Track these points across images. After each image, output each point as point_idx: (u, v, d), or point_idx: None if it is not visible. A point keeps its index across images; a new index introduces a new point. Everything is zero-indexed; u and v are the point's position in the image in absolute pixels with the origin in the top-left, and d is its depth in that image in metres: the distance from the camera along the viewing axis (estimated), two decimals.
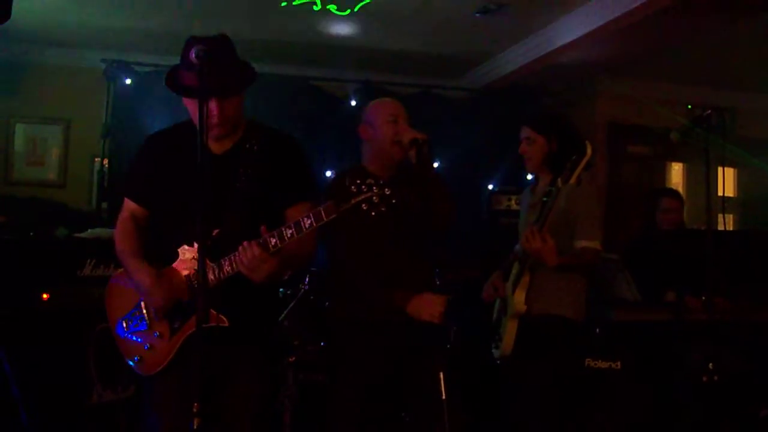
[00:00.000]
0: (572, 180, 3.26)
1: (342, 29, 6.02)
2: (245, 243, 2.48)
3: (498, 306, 3.83)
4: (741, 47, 6.11)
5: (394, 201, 3.22)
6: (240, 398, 2.74)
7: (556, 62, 6.22)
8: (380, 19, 5.73)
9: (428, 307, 3.15)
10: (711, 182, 3.58)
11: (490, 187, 6.56)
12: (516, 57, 6.51)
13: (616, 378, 4.17)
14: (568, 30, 5.68)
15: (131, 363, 2.83)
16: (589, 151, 3.25)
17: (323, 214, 2.46)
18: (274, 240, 2.50)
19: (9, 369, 4.03)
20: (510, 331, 3.57)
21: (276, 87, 6.58)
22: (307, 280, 4.80)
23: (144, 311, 2.78)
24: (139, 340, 2.79)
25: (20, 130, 6.74)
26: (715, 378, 3.53)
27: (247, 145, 2.79)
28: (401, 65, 6.86)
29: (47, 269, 4.40)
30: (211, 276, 2.60)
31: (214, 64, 2.50)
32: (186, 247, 2.69)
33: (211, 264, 2.60)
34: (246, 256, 2.48)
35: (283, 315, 4.67)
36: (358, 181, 3.27)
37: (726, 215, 4.01)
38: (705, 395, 3.60)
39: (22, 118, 6.72)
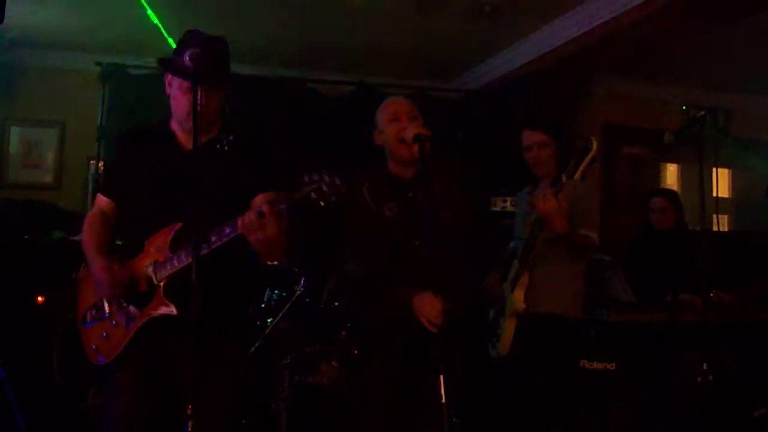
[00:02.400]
0: (577, 175, 3.25)
1: (337, 30, 6.02)
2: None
3: (495, 306, 3.83)
4: (736, 48, 6.12)
5: (410, 196, 3.30)
6: (210, 389, 2.75)
7: (550, 64, 6.23)
8: (374, 20, 5.73)
9: (426, 310, 3.12)
10: (705, 183, 3.58)
11: (487, 188, 6.55)
12: (510, 59, 6.52)
13: (610, 379, 4.18)
14: (562, 32, 5.70)
15: (89, 352, 2.93)
16: (594, 147, 3.25)
17: (275, 203, 2.49)
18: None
19: (3, 372, 4.03)
20: (508, 330, 3.57)
21: (271, 89, 6.59)
22: (302, 282, 4.80)
23: (105, 303, 2.88)
24: (98, 329, 2.90)
25: (15, 133, 6.71)
26: (710, 378, 3.53)
27: (218, 145, 2.89)
28: (396, 67, 6.86)
29: (42, 272, 4.41)
30: (168, 266, 2.71)
31: (211, 57, 2.69)
32: (152, 240, 2.79)
33: (171, 255, 2.71)
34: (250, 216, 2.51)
35: (278, 317, 4.67)
36: (375, 189, 3.38)
37: (720, 216, 4.02)
38: (699, 396, 3.60)
39: (16, 121, 6.70)
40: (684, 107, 3.90)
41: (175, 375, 2.71)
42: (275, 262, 2.73)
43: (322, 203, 2.41)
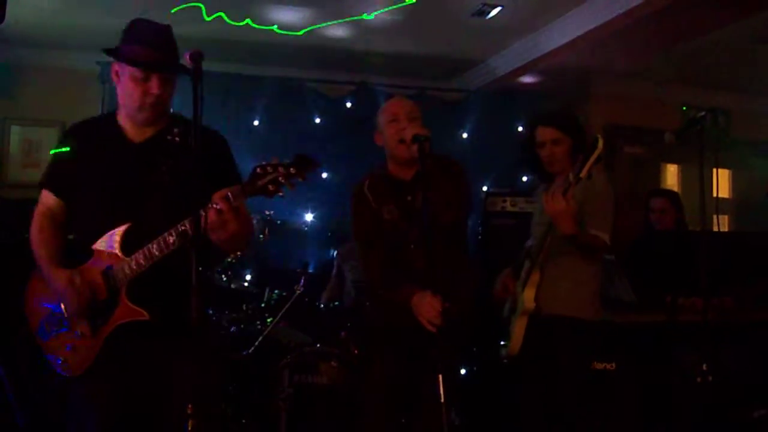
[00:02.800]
0: (582, 173, 3.25)
1: (337, 31, 6.02)
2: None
3: (508, 304, 3.79)
4: (735, 49, 6.12)
5: (409, 199, 3.31)
6: (181, 392, 2.63)
7: (550, 64, 6.23)
8: (375, 21, 5.73)
9: (425, 310, 3.13)
10: (705, 184, 3.58)
11: (485, 188, 6.57)
12: (511, 59, 6.52)
13: (610, 379, 4.17)
14: (563, 32, 5.69)
15: (56, 366, 2.80)
16: (600, 144, 3.25)
17: (231, 198, 2.43)
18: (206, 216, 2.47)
19: (3, 371, 4.03)
20: (518, 330, 3.53)
21: (272, 90, 6.60)
22: (302, 282, 4.80)
23: (64, 311, 2.76)
24: (61, 340, 2.77)
25: (15, 132, 6.72)
26: (709, 379, 3.52)
27: (169, 137, 2.78)
28: (396, 67, 6.86)
29: None
30: (126, 270, 2.62)
31: (163, 45, 2.67)
32: (101, 242, 2.68)
33: (126, 258, 2.62)
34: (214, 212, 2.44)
35: (278, 317, 4.67)
36: (375, 188, 3.40)
37: (720, 216, 4.01)
38: (699, 396, 3.60)
39: (16, 120, 6.71)
40: (684, 107, 3.89)
41: (149, 381, 2.68)
42: (239, 254, 2.68)
43: (280, 194, 2.38)
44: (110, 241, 2.66)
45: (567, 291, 3.53)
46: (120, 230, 2.65)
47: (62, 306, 2.75)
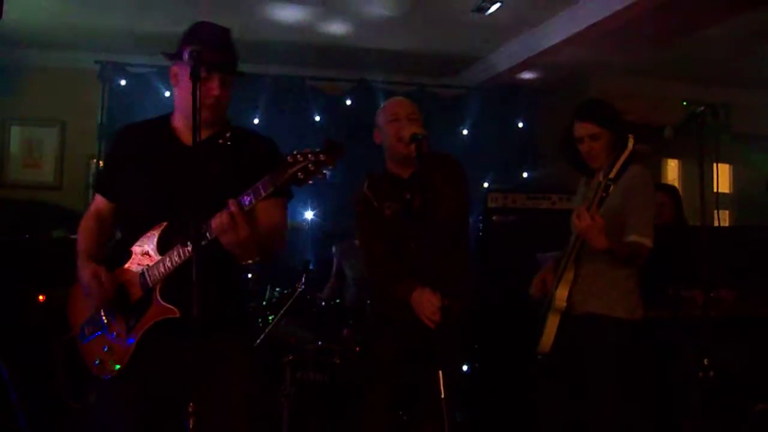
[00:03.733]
0: (612, 174, 3.21)
1: (337, 28, 6.03)
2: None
3: (546, 300, 3.68)
4: (734, 44, 6.12)
5: (408, 197, 3.32)
6: (223, 392, 2.70)
7: (550, 60, 6.23)
8: (375, 18, 5.73)
9: (424, 307, 3.16)
10: (706, 178, 3.57)
11: (485, 185, 6.57)
12: (510, 55, 6.52)
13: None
14: (562, 28, 5.69)
15: (92, 367, 2.81)
16: (630, 145, 3.21)
17: (261, 189, 2.40)
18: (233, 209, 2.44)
19: (6, 371, 4.04)
20: (550, 327, 3.45)
21: (271, 87, 6.60)
22: (303, 279, 4.80)
23: (102, 314, 2.78)
24: (99, 343, 2.79)
25: (15, 133, 6.74)
26: (711, 374, 3.52)
27: (220, 140, 2.78)
28: (396, 64, 6.86)
29: (43, 271, 4.41)
30: (161, 269, 2.62)
31: (225, 47, 2.66)
32: (139, 242, 2.70)
33: (161, 257, 2.62)
34: (222, 218, 2.44)
35: (279, 314, 4.68)
36: (375, 186, 3.44)
37: (721, 211, 4.00)
38: (700, 391, 3.60)
39: (17, 121, 6.72)
40: (684, 102, 3.88)
41: (182, 383, 2.62)
42: (250, 261, 2.65)
43: (309, 182, 2.35)
44: (148, 241, 2.68)
45: (600, 290, 3.44)
46: (157, 230, 2.66)
47: (88, 296, 2.76)
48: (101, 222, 2.90)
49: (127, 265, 2.73)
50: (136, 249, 2.71)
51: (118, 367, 2.73)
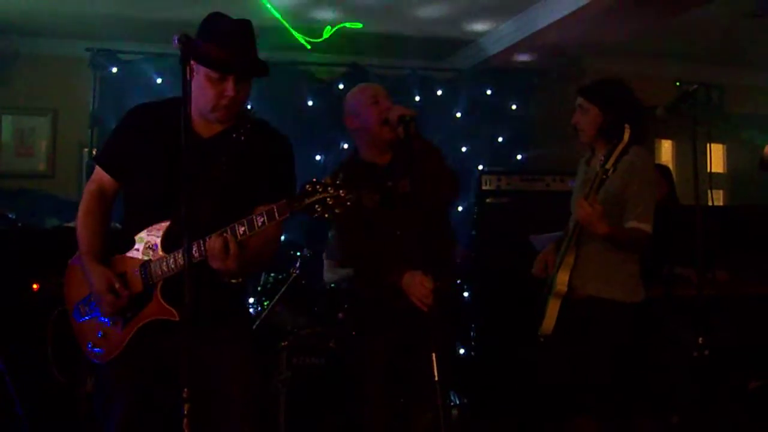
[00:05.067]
0: (608, 165, 3.21)
1: (328, 14, 6.00)
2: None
3: (547, 283, 3.69)
4: (728, 23, 6.11)
5: (390, 184, 3.30)
6: (226, 392, 2.70)
7: (543, 42, 6.21)
8: (366, 3, 5.71)
9: (416, 290, 3.15)
10: (699, 159, 3.57)
11: (479, 167, 6.57)
12: (503, 37, 6.49)
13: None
14: (555, 9, 5.67)
15: (84, 349, 2.80)
16: (625, 137, 3.20)
17: (276, 213, 2.40)
18: (243, 229, 2.45)
19: (2, 362, 4.04)
20: (552, 310, 3.45)
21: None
22: (298, 264, 4.81)
23: (98, 304, 2.73)
24: (93, 326, 2.76)
25: (7, 122, 6.69)
26: (706, 353, 3.53)
27: (235, 135, 2.72)
28: (388, 48, 6.84)
29: (37, 259, 4.40)
30: (164, 267, 2.59)
31: (242, 45, 2.56)
32: (144, 233, 2.66)
33: (165, 255, 2.59)
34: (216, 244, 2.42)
35: (275, 299, 4.68)
36: (350, 177, 3.35)
37: (715, 191, 4.01)
38: (695, 369, 3.62)
39: (9, 110, 6.68)
40: (678, 83, 3.88)
41: (176, 377, 2.69)
42: (233, 281, 2.60)
43: (326, 215, 2.33)
44: (153, 235, 2.63)
45: (600, 273, 3.44)
46: (163, 225, 2.61)
47: (97, 302, 2.72)
48: (104, 204, 2.80)
49: (129, 254, 2.68)
50: (141, 239, 2.66)
51: (110, 354, 2.72)
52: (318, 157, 6.49)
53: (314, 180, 2.34)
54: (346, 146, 6.44)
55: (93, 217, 2.77)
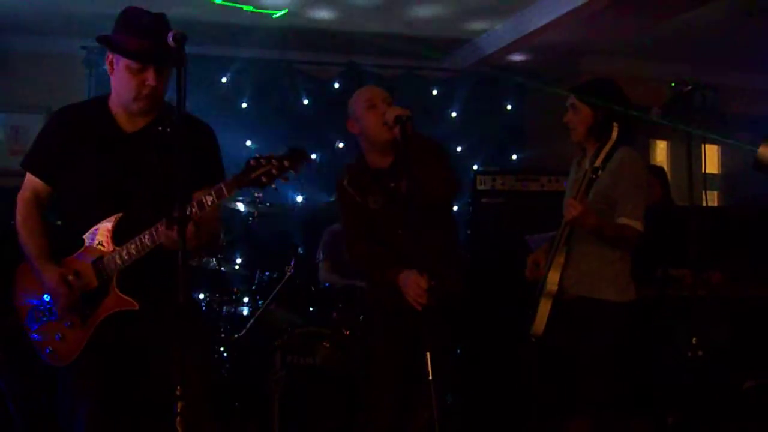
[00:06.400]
0: (597, 163, 3.24)
1: (324, 13, 5.99)
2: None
3: (539, 283, 3.67)
4: (723, 24, 6.12)
5: (392, 186, 3.32)
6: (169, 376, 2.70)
7: (539, 42, 6.21)
8: (363, 2, 5.71)
9: (411, 289, 3.16)
10: (694, 159, 3.58)
11: (475, 167, 6.57)
12: (499, 37, 6.49)
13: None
14: (551, 9, 5.66)
15: (43, 355, 2.80)
16: (613, 135, 3.23)
17: (224, 190, 2.48)
18: (194, 210, 2.51)
19: None
20: (542, 311, 3.44)
21: (259, 71, 6.57)
22: (292, 263, 4.80)
23: (54, 303, 2.75)
24: (50, 329, 2.77)
25: (1, 120, 6.67)
26: (700, 353, 3.54)
27: (160, 127, 2.78)
28: (384, 47, 6.83)
29: None
30: (117, 260, 2.64)
31: (159, 36, 2.53)
32: (92, 231, 2.70)
33: (117, 248, 2.64)
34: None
35: (269, 299, 4.68)
36: (356, 181, 3.44)
37: (710, 192, 4.01)
38: (689, 370, 3.62)
39: (2, 107, 6.66)
40: (672, 84, 3.88)
41: (139, 369, 2.71)
42: (194, 261, 2.71)
43: (272, 186, 2.43)
44: (101, 232, 2.68)
45: (591, 273, 3.44)
46: (111, 220, 2.66)
47: (53, 300, 2.74)
48: (40, 208, 2.85)
49: (79, 255, 2.73)
50: (89, 238, 2.70)
51: (71, 355, 2.73)
52: (313, 156, 6.48)
53: (257, 155, 2.43)
54: (341, 145, 6.47)
55: (34, 222, 2.81)
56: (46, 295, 2.76)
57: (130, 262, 2.62)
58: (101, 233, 2.68)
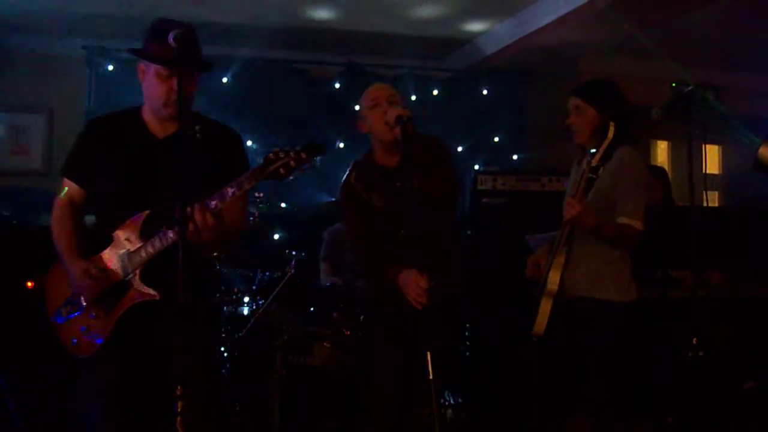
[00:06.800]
0: (594, 162, 3.25)
1: (324, 12, 6.00)
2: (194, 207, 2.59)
3: (540, 283, 3.66)
4: (724, 25, 6.12)
5: (397, 185, 3.32)
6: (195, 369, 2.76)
7: (539, 42, 6.21)
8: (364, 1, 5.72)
9: (411, 288, 3.16)
10: (695, 159, 3.58)
11: (476, 167, 6.57)
12: (499, 37, 6.50)
13: None
14: (551, 9, 5.67)
15: (69, 348, 2.92)
16: (610, 134, 3.23)
17: (244, 181, 2.58)
18: (215, 202, 2.62)
19: None
20: (543, 311, 3.43)
21: (259, 71, 6.57)
22: (293, 263, 4.81)
23: (81, 296, 2.88)
24: (76, 323, 2.90)
25: (3, 119, 6.67)
26: (700, 354, 3.54)
27: (189, 132, 2.86)
28: (384, 47, 6.83)
29: (32, 257, 4.40)
30: (142, 254, 2.75)
31: (187, 44, 2.67)
32: (120, 228, 2.81)
33: (143, 243, 2.75)
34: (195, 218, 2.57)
35: (269, 299, 4.68)
36: (363, 177, 3.46)
37: (710, 192, 4.01)
38: (690, 370, 3.62)
39: (4, 107, 6.66)
40: (674, 84, 3.88)
41: (158, 362, 2.74)
42: (213, 255, 2.81)
43: (290, 177, 2.54)
44: (129, 228, 2.80)
45: (591, 273, 3.43)
46: (140, 217, 2.78)
47: (79, 294, 2.87)
48: (75, 211, 2.98)
49: (107, 251, 2.84)
50: (119, 234, 2.81)
51: (96, 344, 2.84)
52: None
53: (276, 149, 2.54)
54: (342, 145, 6.46)
55: (66, 222, 2.96)
56: (75, 292, 2.89)
57: (154, 255, 2.72)
58: (129, 229, 2.79)
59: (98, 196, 2.96)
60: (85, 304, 2.87)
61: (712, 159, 7.87)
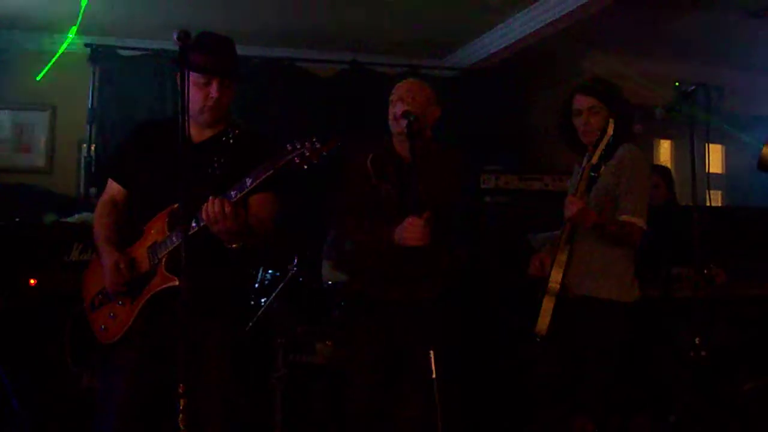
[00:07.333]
0: (593, 160, 3.24)
1: (325, 12, 6.00)
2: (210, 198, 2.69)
3: (543, 282, 3.62)
4: (728, 24, 6.11)
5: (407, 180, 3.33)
6: (205, 372, 2.90)
7: (540, 41, 6.21)
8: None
9: (410, 230, 3.14)
10: (698, 159, 3.57)
11: (479, 166, 6.56)
12: (504, 35, 6.50)
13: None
14: (551, 9, 5.67)
15: (97, 333, 3.07)
16: (609, 130, 3.22)
17: (262, 170, 2.63)
18: (234, 192, 2.70)
19: None
20: (545, 310, 3.42)
21: (261, 69, 6.57)
22: (295, 261, 4.80)
23: (109, 282, 2.99)
24: (105, 310, 3.06)
25: (6, 117, 6.68)
26: (703, 353, 3.53)
27: (224, 138, 3.07)
28: (389, 45, 6.83)
29: (35, 254, 4.42)
30: (168, 243, 2.86)
31: (223, 54, 2.97)
32: (151, 223, 2.96)
33: (169, 233, 2.86)
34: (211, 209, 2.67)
35: (271, 297, 4.68)
36: (378, 162, 3.47)
37: (713, 192, 4.00)
38: (692, 370, 3.62)
39: (7, 105, 6.67)
40: (677, 83, 3.87)
41: (172, 358, 2.75)
42: (234, 246, 2.84)
43: (305, 166, 2.57)
44: (158, 221, 2.94)
45: (593, 271, 3.43)
46: (167, 210, 2.90)
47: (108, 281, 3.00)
48: (116, 208, 3.15)
49: (137, 243, 3.00)
50: (149, 227, 2.96)
51: (120, 331, 2.97)
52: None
53: (293, 140, 2.60)
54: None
55: (105, 219, 3.12)
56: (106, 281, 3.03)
57: (178, 245, 2.77)
58: (157, 222, 2.93)
59: (138, 195, 3.12)
60: (111, 291, 3.00)
61: (715, 158, 7.85)
